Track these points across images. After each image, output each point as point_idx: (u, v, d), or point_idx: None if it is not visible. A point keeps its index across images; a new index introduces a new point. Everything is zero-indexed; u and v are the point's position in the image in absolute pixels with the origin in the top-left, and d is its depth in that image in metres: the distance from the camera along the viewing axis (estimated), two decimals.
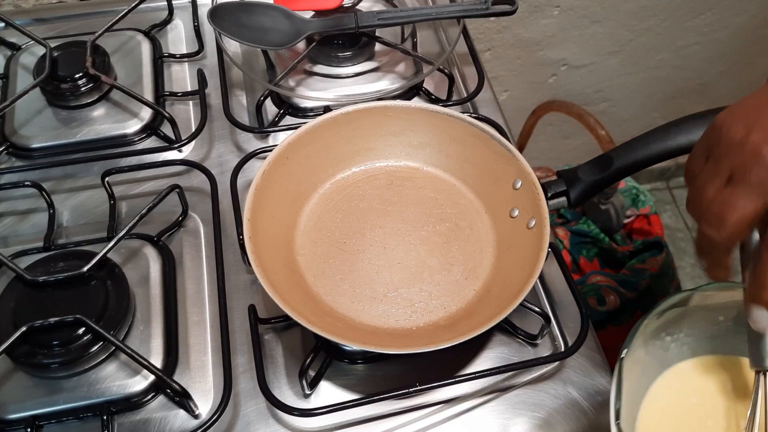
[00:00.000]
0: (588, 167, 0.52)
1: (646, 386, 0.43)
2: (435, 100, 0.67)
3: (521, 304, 0.47)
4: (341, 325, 0.51)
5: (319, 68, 0.67)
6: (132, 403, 0.49)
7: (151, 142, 0.64)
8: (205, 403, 0.50)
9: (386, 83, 0.66)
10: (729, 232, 0.37)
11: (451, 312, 0.52)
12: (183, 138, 0.62)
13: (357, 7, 0.69)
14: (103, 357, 0.49)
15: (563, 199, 0.52)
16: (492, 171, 0.56)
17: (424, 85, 0.68)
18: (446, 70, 0.66)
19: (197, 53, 0.70)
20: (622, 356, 0.40)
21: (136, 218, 0.53)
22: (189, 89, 0.68)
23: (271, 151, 0.55)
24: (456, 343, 0.45)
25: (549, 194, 0.52)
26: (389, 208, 0.58)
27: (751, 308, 0.39)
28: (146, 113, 0.64)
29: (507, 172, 0.55)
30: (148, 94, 0.65)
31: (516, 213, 0.54)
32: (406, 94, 0.67)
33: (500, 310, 0.46)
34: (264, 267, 0.48)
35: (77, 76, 0.63)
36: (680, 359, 0.45)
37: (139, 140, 0.64)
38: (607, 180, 0.51)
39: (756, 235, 0.39)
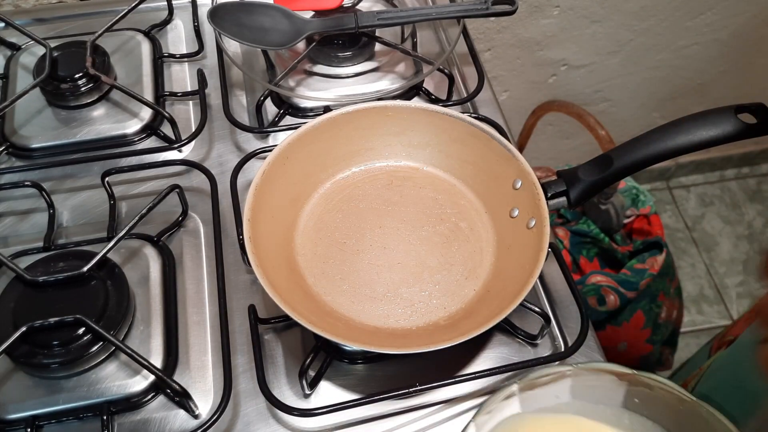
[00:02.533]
0: (588, 167, 0.52)
1: None
2: (435, 100, 0.67)
3: (521, 304, 0.47)
4: (341, 325, 0.51)
5: (319, 68, 0.67)
6: (132, 403, 0.49)
7: (151, 142, 0.64)
8: (205, 403, 0.50)
9: (386, 83, 0.66)
10: None
11: (451, 312, 0.52)
12: (183, 138, 0.62)
13: (357, 7, 0.69)
14: (103, 357, 0.49)
15: (563, 199, 0.52)
16: (492, 171, 0.56)
17: (424, 85, 0.68)
18: (446, 70, 0.66)
19: (197, 53, 0.70)
20: None
21: (136, 218, 0.53)
22: (189, 89, 0.68)
23: (271, 151, 0.55)
24: (456, 343, 0.45)
25: (549, 194, 0.52)
26: (389, 208, 0.58)
27: None
28: (146, 113, 0.64)
29: (507, 172, 0.55)
30: (148, 94, 0.65)
31: (516, 213, 0.54)
32: (406, 94, 0.67)
33: (500, 310, 0.46)
34: (264, 267, 0.48)
35: (77, 76, 0.63)
36: None
37: (139, 140, 0.64)
38: (607, 180, 0.51)
39: None
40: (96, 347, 0.48)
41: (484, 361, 0.52)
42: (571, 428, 0.43)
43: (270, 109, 0.66)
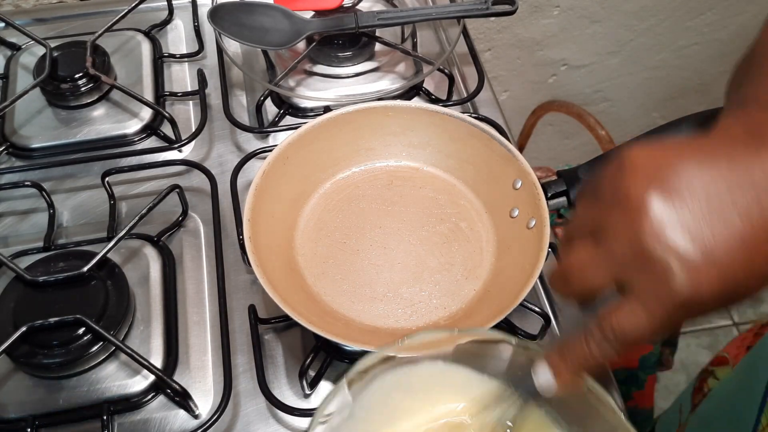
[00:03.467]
0: (588, 167, 0.52)
1: None
2: (435, 100, 0.67)
3: (521, 304, 0.47)
4: (341, 325, 0.51)
5: (319, 68, 0.67)
6: (132, 403, 0.49)
7: (151, 142, 0.64)
8: (205, 403, 0.50)
9: (386, 83, 0.66)
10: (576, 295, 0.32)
11: (451, 312, 0.52)
12: (183, 138, 0.62)
13: (357, 7, 0.69)
14: (103, 357, 0.49)
15: (563, 199, 0.52)
16: (492, 171, 0.56)
17: (424, 85, 0.68)
18: (446, 70, 0.66)
19: (197, 53, 0.70)
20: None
21: (136, 218, 0.53)
22: (189, 89, 0.68)
23: (271, 151, 0.55)
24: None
25: (549, 194, 0.52)
26: (389, 208, 0.58)
27: (541, 367, 0.33)
28: (146, 113, 0.64)
29: (507, 172, 0.55)
30: (148, 94, 0.65)
31: (516, 213, 0.54)
32: (407, 94, 0.67)
33: (500, 310, 0.46)
34: (264, 267, 0.48)
35: (77, 76, 0.63)
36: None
37: (139, 140, 0.64)
38: None
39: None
40: (96, 347, 0.48)
41: None
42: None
43: (270, 109, 0.66)
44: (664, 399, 1.07)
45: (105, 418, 0.47)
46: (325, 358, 0.51)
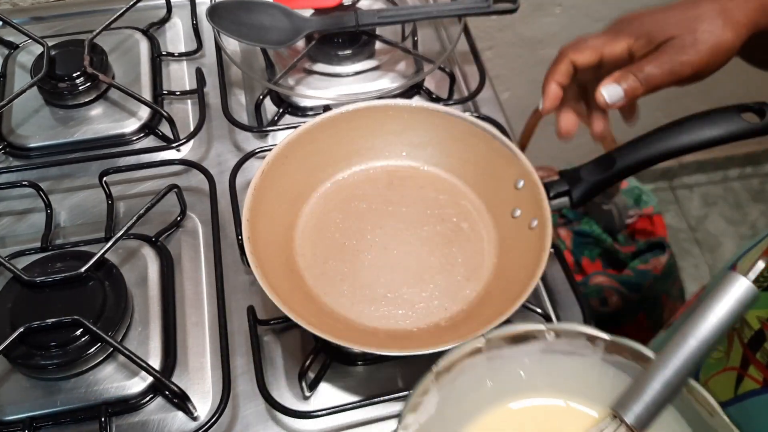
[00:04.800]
0: (590, 167, 0.52)
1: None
2: (436, 99, 0.66)
3: (523, 305, 0.47)
4: (341, 327, 0.50)
5: (319, 67, 0.66)
6: (130, 404, 0.49)
7: (149, 141, 0.64)
8: (203, 405, 0.49)
9: (386, 82, 0.66)
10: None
11: (452, 313, 0.52)
12: (181, 137, 0.62)
13: (357, 5, 0.69)
14: (101, 358, 0.49)
15: (565, 199, 0.52)
16: (493, 170, 0.56)
17: (425, 84, 0.67)
18: (447, 69, 0.65)
19: (196, 52, 0.69)
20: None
21: (134, 218, 0.53)
22: (187, 88, 0.67)
23: (270, 150, 0.54)
24: (456, 345, 0.44)
25: (551, 194, 0.52)
26: (390, 208, 0.57)
27: (607, 83, 0.46)
28: (144, 112, 0.63)
29: (509, 171, 0.54)
30: (147, 93, 0.65)
31: (518, 213, 0.54)
32: (407, 92, 0.67)
33: (501, 311, 0.46)
34: (263, 267, 0.48)
35: (75, 74, 0.62)
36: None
37: (137, 139, 0.63)
38: (610, 180, 0.51)
39: None
40: (94, 348, 0.48)
41: None
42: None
43: (269, 108, 0.66)
44: None
45: (103, 419, 0.47)
46: (325, 360, 0.50)
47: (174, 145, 0.61)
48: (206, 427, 0.46)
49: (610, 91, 0.46)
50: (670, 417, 0.39)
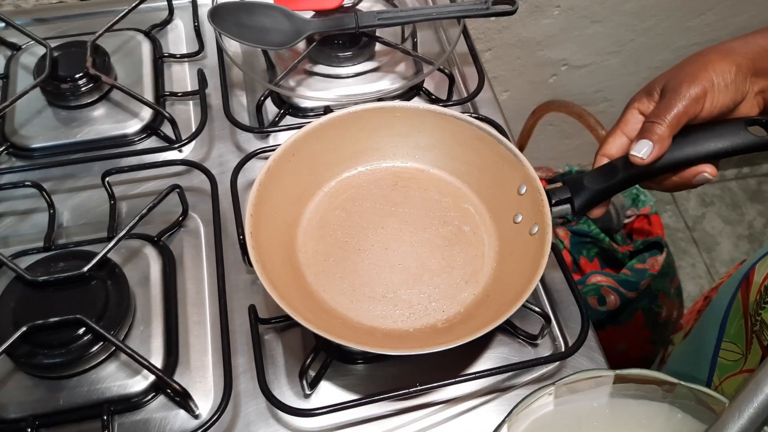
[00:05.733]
0: (593, 175, 0.51)
1: None
2: (435, 100, 0.67)
3: (521, 305, 0.47)
4: (338, 324, 0.51)
5: (320, 68, 0.67)
6: (132, 403, 0.49)
7: (151, 142, 0.64)
8: (205, 403, 0.50)
9: (386, 83, 0.66)
10: None
11: (449, 315, 0.52)
12: (183, 138, 0.62)
13: (357, 7, 0.69)
14: (104, 357, 0.49)
15: (567, 206, 0.52)
16: (497, 175, 0.56)
17: (425, 85, 0.68)
18: (446, 70, 0.66)
19: (197, 53, 0.70)
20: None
21: (137, 218, 0.53)
22: (189, 89, 0.68)
23: (272, 150, 0.55)
24: (451, 346, 0.45)
25: (553, 201, 0.51)
26: (393, 208, 0.57)
27: (635, 144, 0.47)
28: (146, 113, 0.64)
29: (512, 176, 0.54)
30: (149, 94, 0.65)
31: (519, 218, 0.54)
32: (407, 94, 0.67)
33: (498, 315, 0.46)
34: (263, 262, 0.48)
35: (77, 76, 0.63)
36: None
37: (139, 140, 0.64)
38: (613, 189, 0.50)
39: None
40: (96, 347, 0.48)
41: (485, 361, 0.52)
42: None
43: (270, 109, 0.66)
44: None
45: (105, 418, 0.47)
46: (326, 359, 0.51)
47: (176, 145, 0.62)
48: (208, 425, 0.47)
49: (641, 149, 0.47)
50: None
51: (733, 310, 0.54)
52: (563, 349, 0.53)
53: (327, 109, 0.64)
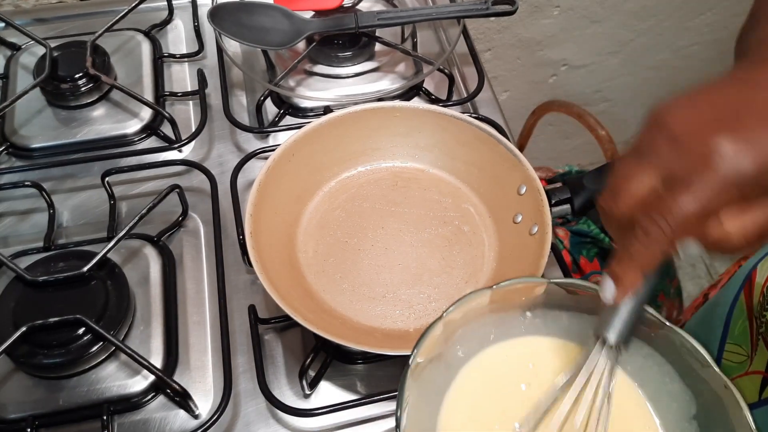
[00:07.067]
0: (593, 176, 0.51)
1: (445, 388, 0.41)
2: (435, 100, 0.67)
3: None
4: (338, 324, 0.51)
5: (319, 68, 0.67)
6: (132, 403, 0.49)
7: (151, 142, 0.64)
8: (205, 403, 0.50)
9: (386, 83, 0.66)
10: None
11: None
12: (183, 138, 0.62)
13: (357, 7, 0.69)
14: (103, 357, 0.49)
15: (567, 206, 0.52)
16: (497, 175, 0.56)
17: (424, 85, 0.68)
18: (446, 70, 0.66)
19: (197, 53, 0.70)
20: (409, 366, 0.38)
21: (136, 218, 0.53)
22: (189, 89, 0.68)
23: (272, 151, 0.55)
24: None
25: (553, 201, 0.52)
26: (393, 208, 0.57)
27: (605, 280, 0.38)
28: (146, 113, 0.64)
29: (512, 177, 0.54)
30: (148, 94, 0.65)
31: (519, 218, 0.54)
32: (406, 94, 0.67)
33: None
34: (264, 263, 0.48)
35: (77, 76, 0.63)
36: (481, 349, 0.42)
37: (139, 140, 0.64)
38: None
39: None
40: (96, 347, 0.48)
41: None
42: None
43: (270, 109, 0.66)
44: None
45: (105, 418, 0.47)
46: (325, 358, 0.51)
47: (176, 145, 0.62)
48: (207, 425, 0.47)
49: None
50: (659, 369, 0.40)
51: (737, 312, 0.54)
52: None
53: (327, 109, 0.64)
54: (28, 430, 0.46)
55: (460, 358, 0.41)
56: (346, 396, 0.50)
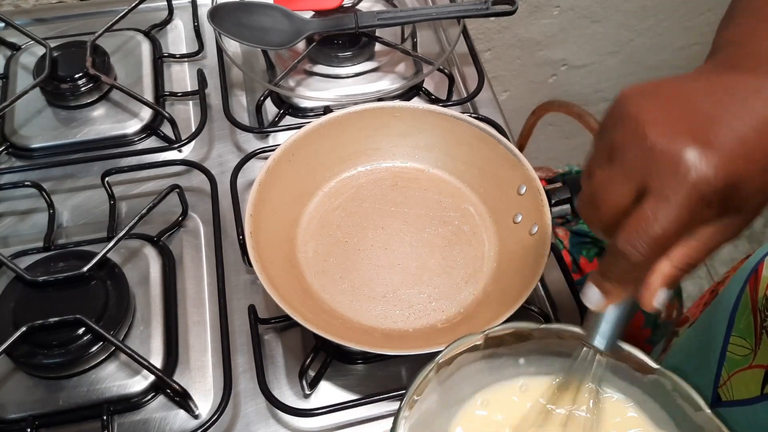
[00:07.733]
0: None
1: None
2: (435, 100, 0.67)
3: (521, 305, 0.47)
4: (338, 324, 0.51)
5: (319, 68, 0.67)
6: (132, 403, 0.49)
7: (151, 142, 0.64)
8: (205, 403, 0.50)
9: (386, 83, 0.66)
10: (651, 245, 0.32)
11: (449, 315, 0.52)
12: (183, 138, 0.62)
13: (357, 7, 0.69)
14: (103, 357, 0.49)
15: (567, 206, 0.52)
16: (497, 175, 0.56)
17: (424, 85, 0.68)
18: (446, 70, 0.66)
19: (197, 53, 0.70)
20: (403, 413, 0.37)
21: (136, 218, 0.53)
22: (189, 89, 0.68)
23: (272, 150, 0.55)
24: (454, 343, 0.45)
25: (553, 201, 0.52)
26: (393, 208, 0.58)
27: (588, 286, 0.36)
28: (146, 113, 0.64)
29: (512, 177, 0.54)
30: (148, 94, 0.65)
31: (519, 218, 0.54)
32: (406, 94, 0.67)
33: (498, 315, 0.46)
34: (263, 262, 0.48)
35: (77, 76, 0.63)
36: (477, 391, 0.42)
37: (139, 140, 0.64)
38: None
39: None
40: (96, 347, 0.48)
41: None
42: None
43: (270, 109, 0.66)
44: None
45: (105, 418, 0.47)
46: (325, 358, 0.51)
47: (175, 145, 0.62)
48: (207, 425, 0.47)
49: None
50: (653, 411, 0.40)
51: (742, 305, 0.54)
52: None
53: (327, 109, 0.64)
54: (28, 430, 0.46)
55: (457, 398, 0.41)
56: (346, 396, 0.50)
